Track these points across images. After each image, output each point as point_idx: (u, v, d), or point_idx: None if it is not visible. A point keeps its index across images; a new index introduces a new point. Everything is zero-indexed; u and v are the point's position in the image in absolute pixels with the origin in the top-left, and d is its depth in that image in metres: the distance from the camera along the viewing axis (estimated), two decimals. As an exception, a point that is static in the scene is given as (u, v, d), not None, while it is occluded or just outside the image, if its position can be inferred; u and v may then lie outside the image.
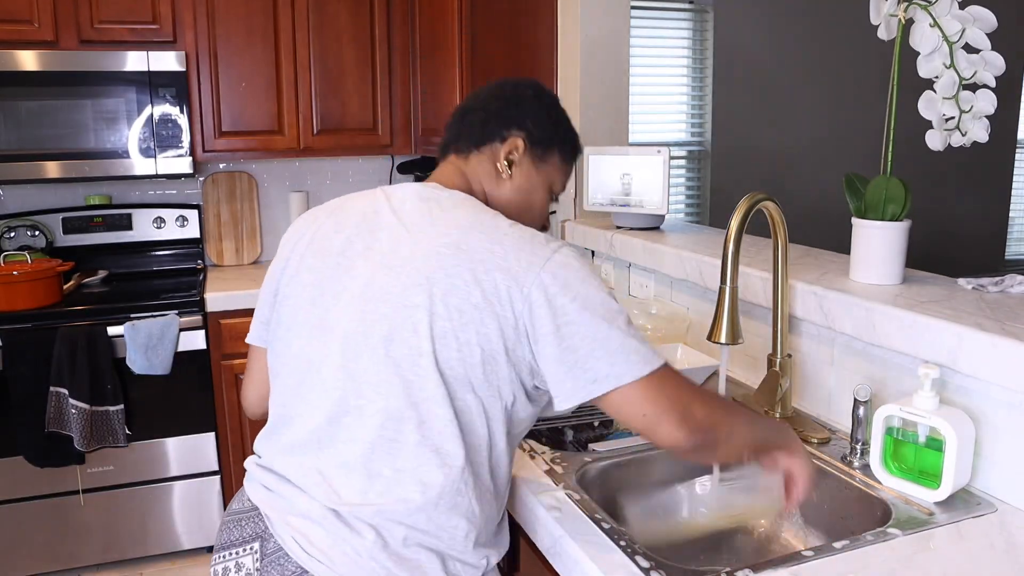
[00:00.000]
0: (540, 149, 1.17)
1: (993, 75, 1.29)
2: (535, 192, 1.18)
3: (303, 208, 3.24)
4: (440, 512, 0.99)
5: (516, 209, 1.16)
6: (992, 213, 5.24)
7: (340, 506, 0.98)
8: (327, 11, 2.91)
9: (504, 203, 1.16)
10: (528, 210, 1.18)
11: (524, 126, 1.16)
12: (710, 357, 1.65)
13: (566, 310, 0.96)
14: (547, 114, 1.19)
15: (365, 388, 0.98)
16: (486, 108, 1.17)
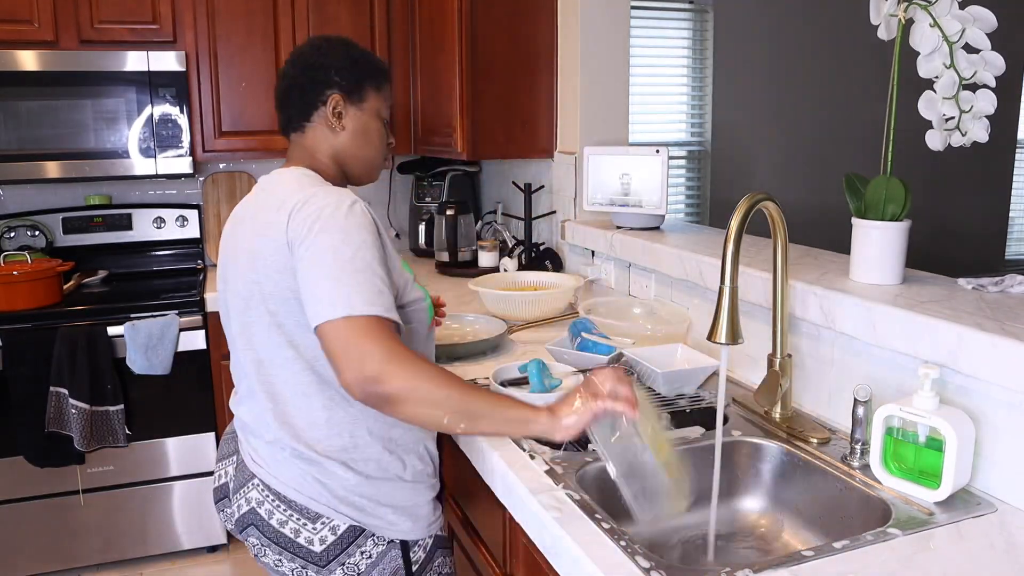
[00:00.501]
0: (355, 93, 1.37)
1: (993, 75, 1.29)
2: (368, 128, 1.39)
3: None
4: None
5: (357, 148, 1.39)
6: (992, 213, 5.24)
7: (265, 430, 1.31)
8: (327, 11, 2.91)
9: (347, 148, 1.38)
10: (368, 144, 1.39)
11: (333, 82, 1.35)
12: (709, 357, 1.65)
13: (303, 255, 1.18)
14: (346, 62, 1.36)
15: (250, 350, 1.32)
16: (298, 84, 1.36)
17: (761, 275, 1.55)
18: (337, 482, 1.26)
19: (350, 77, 1.36)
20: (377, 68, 1.40)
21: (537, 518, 1.14)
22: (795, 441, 1.37)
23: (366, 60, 1.39)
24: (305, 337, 1.23)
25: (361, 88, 1.37)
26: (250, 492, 1.30)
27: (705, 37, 4.31)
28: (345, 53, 1.37)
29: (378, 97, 1.40)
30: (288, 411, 1.27)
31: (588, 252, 2.46)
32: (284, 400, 1.27)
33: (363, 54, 1.39)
